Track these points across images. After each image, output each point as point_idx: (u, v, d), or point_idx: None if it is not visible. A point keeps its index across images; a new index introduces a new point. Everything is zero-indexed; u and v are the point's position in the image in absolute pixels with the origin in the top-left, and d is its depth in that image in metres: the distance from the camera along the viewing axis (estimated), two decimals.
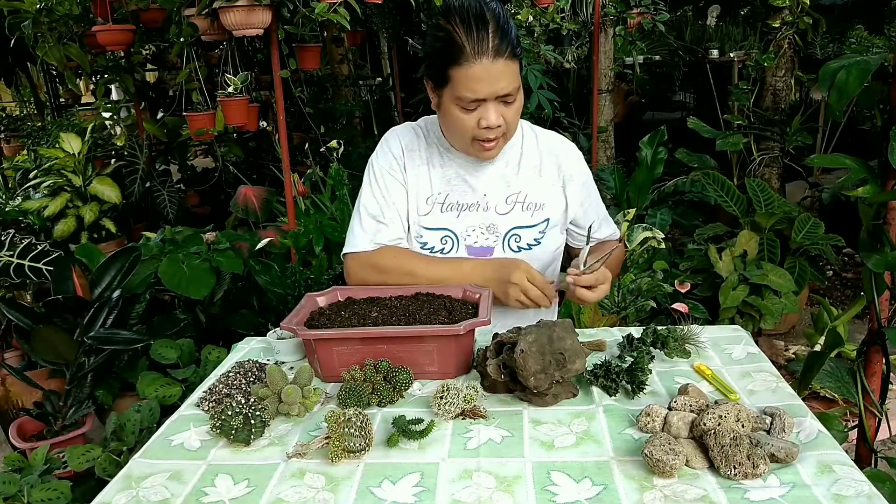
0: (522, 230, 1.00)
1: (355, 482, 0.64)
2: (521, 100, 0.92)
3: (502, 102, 0.89)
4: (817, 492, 0.59)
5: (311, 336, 0.82)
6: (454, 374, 0.83)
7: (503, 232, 1.00)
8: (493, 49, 0.85)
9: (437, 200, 0.99)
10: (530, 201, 1.00)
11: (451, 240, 1.00)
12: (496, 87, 0.87)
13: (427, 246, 1.00)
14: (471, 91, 0.87)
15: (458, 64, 0.86)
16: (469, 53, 0.85)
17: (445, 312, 0.87)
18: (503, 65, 0.86)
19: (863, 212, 1.03)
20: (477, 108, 0.89)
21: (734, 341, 0.92)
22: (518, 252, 1.00)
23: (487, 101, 0.88)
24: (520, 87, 0.91)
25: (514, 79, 0.88)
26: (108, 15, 2.40)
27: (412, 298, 0.92)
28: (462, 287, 0.94)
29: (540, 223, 1.01)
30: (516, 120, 0.94)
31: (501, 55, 0.85)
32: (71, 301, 1.54)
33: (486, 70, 0.85)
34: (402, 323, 0.85)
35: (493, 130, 0.90)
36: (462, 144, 0.96)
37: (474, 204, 0.99)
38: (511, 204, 1.00)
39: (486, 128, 0.89)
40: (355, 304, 0.92)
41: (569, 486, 0.62)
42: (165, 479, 0.67)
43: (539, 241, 1.01)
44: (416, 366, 0.82)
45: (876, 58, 1.01)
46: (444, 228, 0.99)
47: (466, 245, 1.00)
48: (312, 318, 0.89)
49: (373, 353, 0.81)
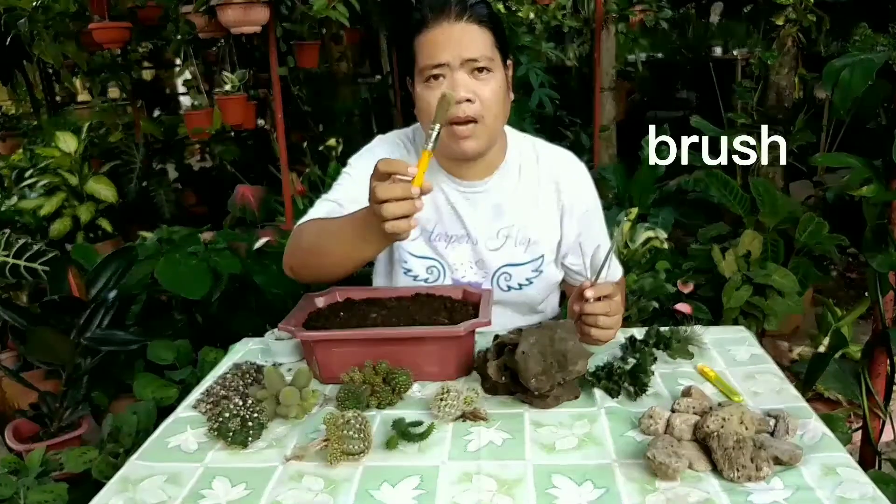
0: (514, 268, 0.92)
1: (354, 485, 0.63)
2: (501, 79, 0.83)
3: (472, 75, 0.81)
4: (821, 494, 0.58)
5: (310, 337, 0.81)
6: (455, 375, 0.82)
7: (492, 269, 0.92)
8: (455, 12, 0.80)
9: (424, 227, 0.92)
10: (523, 236, 0.92)
11: (437, 270, 0.94)
12: (461, 50, 0.80)
13: (411, 273, 0.94)
14: (431, 56, 0.80)
15: (420, 32, 0.82)
16: (429, 18, 0.81)
17: (445, 313, 0.85)
18: (467, 27, 0.80)
19: (867, 211, 1.02)
20: (443, 80, 0.81)
21: (738, 342, 0.91)
22: (508, 292, 0.93)
23: (453, 69, 0.80)
24: (496, 61, 0.83)
25: (485, 47, 0.81)
26: (104, 12, 2.38)
27: (412, 299, 0.91)
28: (461, 287, 0.92)
29: (534, 259, 0.92)
30: (495, 103, 0.83)
31: (463, 17, 0.80)
32: (67, 301, 1.53)
33: (446, 33, 0.80)
34: (401, 324, 0.83)
35: (464, 106, 0.80)
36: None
37: (463, 236, 0.92)
38: (502, 239, 0.92)
39: (456, 102, 0.79)
40: (354, 305, 0.91)
41: (570, 488, 0.61)
42: (162, 481, 0.66)
43: (531, 281, 0.92)
44: (416, 367, 0.80)
45: (880, 56, 1.00)
46: (431, 258, 0.93)
47: (454, 278, 0.94)
48: (311, 319, 0.87)
49: (372, 355, 0.80)
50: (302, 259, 0.88)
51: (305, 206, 2.21)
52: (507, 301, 0.95)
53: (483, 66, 0.82)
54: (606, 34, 2.77)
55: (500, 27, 0.86)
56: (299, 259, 0.88)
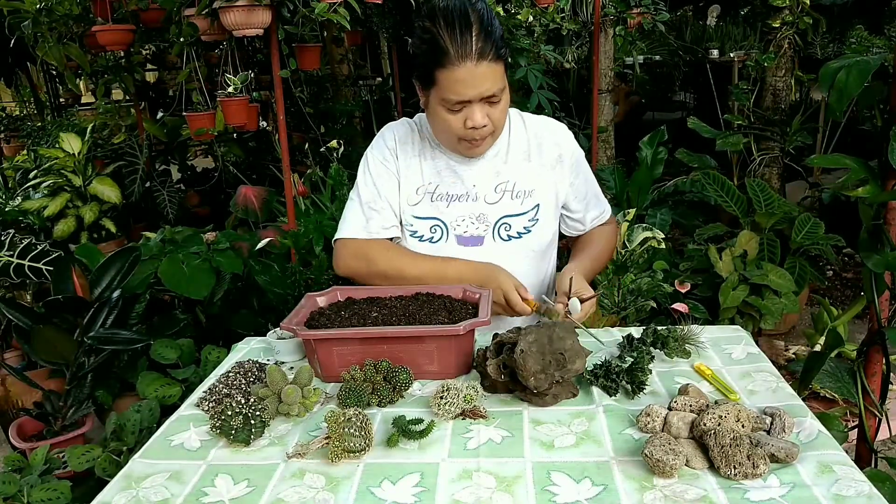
0: (512, 218, 1.00)
1: (355, 482, 0.64)
2: (507, 98, 0.93)
3: (487, 103, 0.90)
4: (817, 492, 0.59)
5: (311, 336, 0.82)
6: (454, 374, 0.83)
7: (493, 221, 1.00)
8: (477, 52, 0.86)
9: (427, 190, 1.01)
10: (519, 189, 1.01)
11: (440, 229, 1.00)
12: (481, 90, 0.88)
13: (416, 234, 1.01)
14: (455, 94, 0.88)
15: (443, 66, 0.87)
16: (453, 56, 0.86)
17: (445, 312, 0.86)
18: (487, 67, 0.87)
19: (863, 212, 1.03)
20: (462, 109, 0.90)
21: (734, 341, 0.92)
22: (509, 241, 1.01)
23: (472, 102, 0.89)
24: (505, 87, 0.92)
25: (499, 80, 0.89)
26: (107, 15, 2.40)
27: (412, 298, 0.92)
28: (462, 287, 0.94)
29: (530, 210, 1.01)
30: (503, 118, 0.95)
31: (485, 57, 0.86)
32: (71, 301, 1.54)
33: (470, 73, 0.86)
34: (402, 323, 0.84)
35: (479, 131, 0.92)
36: (450, 143, 0.97)
37: (464, 195, 1.00)
38: (500, 193, 1.00)
39: (472, 128, 0.91)
40: (355, 305, 0.92)
41: (569, 486, 0.62)
42: (165, 479, 0.67)
43: (529, 230, 1.01)
44: (416, 366, 0.81)
45: (876, 58, 1.01)
46: (434, 217, 1.00)
47: (456, 234, 1.00)
48: (312, 318, 0.89)
49: (373, 354, 0.81)
50: (368, 269, 1.01)
51: (307, 206, 2.23)
52: (509, 250, 1.02)
53: (497, 97, 0.91)
54: (604, 37, 2.79)
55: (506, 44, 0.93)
56: (373, 278, 1.01)
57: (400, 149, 1.02)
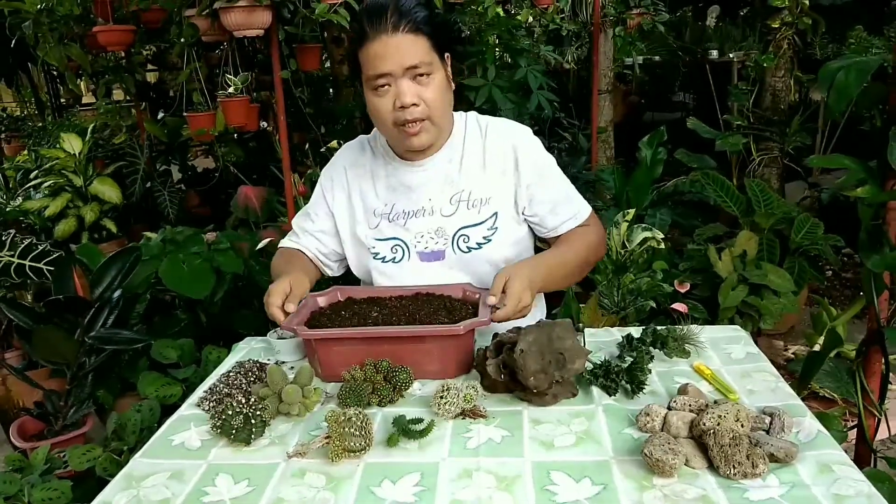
0: (470, 229, 0.98)
1: (355, 482, 0.64)
2: (443, 81, 0.91)
3: (415, 80, 0.89)
4: (817, 491, 0.59)
5: (312, 336, 0.82)
6: (454, 373, 0.84)
7: (451, 234, 0.98)
8: (392, 24, 0.86)
9: (384, 212, 1.01)
10: (475, 197, 0.98)
11: (401, 248, 1.00)
12: (400, 60, 0.87)
13: (379, 256, 1.01)
14: (374, 67, 0.88)
15: (362, 45, 0.88)
16: (368, 32, 0.87)
17: (445, 312, 0.87)
18: (404, 37, 0.87)
19: (862, 212, 1.03)
20: (389, 89, 0.89)
21: (734, 341, 0.92)
22: (469, 252, 0.98)
23: (397, 77, 0.88)
24: (435, 67, 0.90)
25: (423, 53, 0.88)
26: (108, 15, 2.40)
27: (412, 298, 0.93)
28: (462, 287, 0.94)
29: (488, 219, 0.98)
30: (439, 102, 0.91)
31: (400, 29, 0.87)
32: (72, 301, 1.54)
33: (384, 44, 0.86)
34: (402, 323, 0.85)
35: (410, 110, 0.89)
36: (390, 134, 0.95)
37: (419, 210, 0.99)
38: (455, 204, 0.99)
39: (402, 107, 0.89)
40: (355, 304, 0.92)
41: (568, 485, 0.62)
42: (166, 478, 0.67)
43: (489, 239, 0.98)
44: (417, 365, 0.82)
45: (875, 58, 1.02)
46: (394, 238, 1.00)
47: (417, 251, 0.99)
48: (313, 317, 0.89)
49: (373, 353, 0.81)
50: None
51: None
52: (470, 261, 0.99)
53: (423, 72, 0.89)
54: (604, 37, 2.79)
55: (438, 27, 0.92)
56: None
57: (351, 175, 1.03)
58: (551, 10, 2.62)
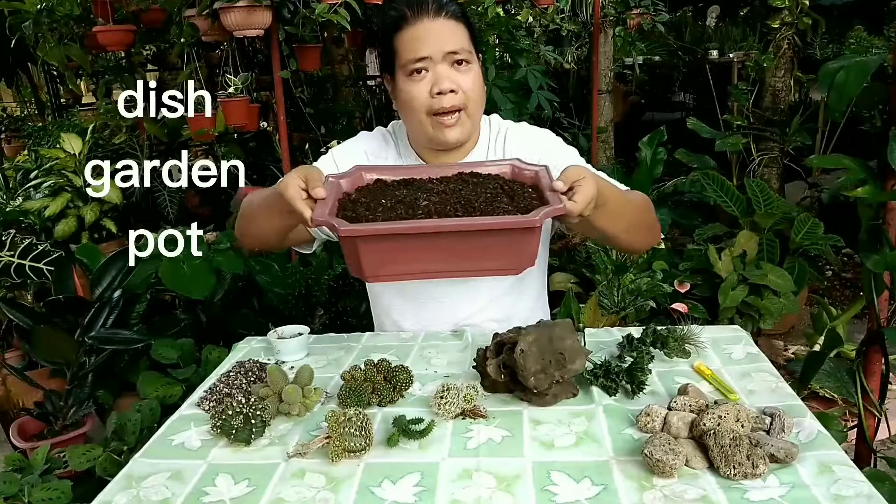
0: None
1: (355, 482, 0.64)
2: (479, 74, 0.89)
3: (454, 66, 0.86)
4: (817, 492, 0.59)
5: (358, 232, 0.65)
6: (520, 269, 0.71)
7: None
8: (434, 9, 0.85)
9: None
10: None
11: None
12: (442, 44, 0.84)
13: None
14: (413, 51, 0.85)
15: (400, 29, 0.86)
16: (409, 16, 0.85)
17: (506, 198, 0.72)
18: (445, 23, 0.85)
19: (862, 212, 1.03)
20: (426, 74, 0.85)
21: (734, 341, 0.92)
22: None
23: (436, 63, 0.85)
24: (474, 55, 0.88)
25: (463, 40, 0.86)
26: (108, 15, 2.40)
27: (456, 180, 0.77)
28: (510, 163, 0.80)
29: None
30: (476, 93, 0.88)
31: (441, 13, 0.85)
32: (72, 301, 1.54)
33: (427, 29, 0.85)
34: (459, 212, 0.69)
35: (449, 97, 0.85)
36: (422, 124, 0.88)
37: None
38: None
39: (440, 93, 0.85)
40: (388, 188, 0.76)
41: (568, 485, 0.62)
42: (166, 478, 0.67)
43: None
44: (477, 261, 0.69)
45: (875, 58, 1.02)
46: None
47: None
48: (343, 206, 0.71)
49: (424, 249, 0.67)
50: (242, 226, 0.90)
51: None
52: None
53: (463, 59, 0.87)
54: (604, 37, 2.79)
55: (472, 24, 0.92)
56: (241, 226, 0.91)
57: (373, 160, 0.97)
58: (551, 10, 2.62)
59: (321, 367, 0.91)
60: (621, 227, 0.84)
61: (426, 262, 0.69)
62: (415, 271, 0.71)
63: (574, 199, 0.69)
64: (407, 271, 0.71)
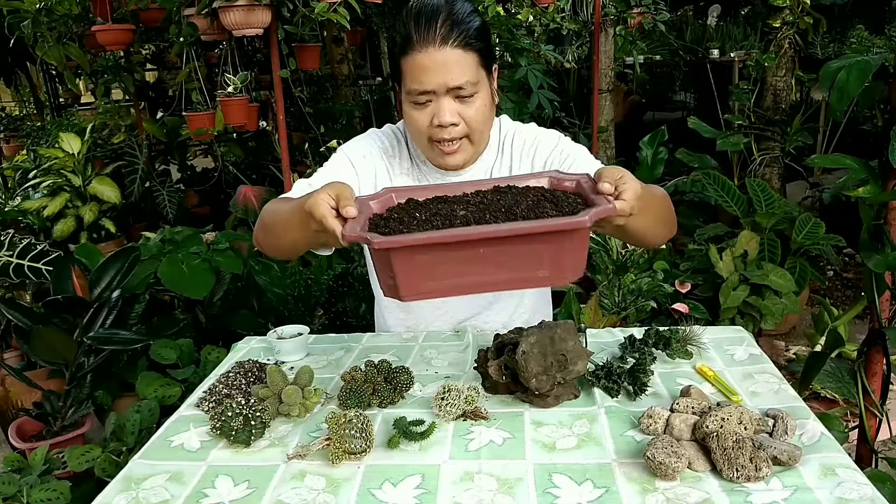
0: None
1: (356, 484, 0.64)
2: (487, 99, 0.86)
3: (458, 99, 0.83)
4: (820, 495, 0.59)
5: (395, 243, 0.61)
6: (570, 277, 0.66)
7: None
8: (441, 37, 0.80)
9: None
10: None
11: None
12: (445, 78, 0.81)
13: None
14: (417, 82, 0.82)
15: (406, 53, 0.82)
16: (415, 42, 0.81)
17: (549, 204, 0.68)
18: (452, 54, 0.81)
19: (863, 212, 1.03)
20: (429, 104, 0.84)
21: (736, 342, 0.92)
22: None
23: (439, 95, 0.83)
24: (481, 84, 0.84)
25: (469, 72, 0.82)
26: (107, 15, 2.39)
27: (494, 192, 0.73)
28: (547, 175, 0.76)
29: None
30: (480, 121, 0.86)
31: (449, 42, 0.80)
32: (70, 301, 1.54)
33: (432, 58, 0.81)
34: (500, 220, 0.64)
35: (448, 130, 0.84)
36: (423, 148, 0.90)
37: None
38: None
39: (439, 126, 0.83)
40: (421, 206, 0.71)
41: (570, 488, 0.61)
42: (165, 480, 0.67)
43: None
44: (523, 272, 0.64)
45: (876, 58, 1.01)
46: None
47: None
48: (376, 224, 0.68)
49: (465, 261, 0.62)
50: (262, 236, 0.87)
51: None
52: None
53: (468, 93, 0.84)
54: (605, 37, 2.78)
55: (487, 40, 0.86)
56: (260, 235, 0.88)
57: (386, 160, 0.95)
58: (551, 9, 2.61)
59: (321, 367, 0.90)
60: (651, 223, 0.80)
61: (467, 276, 0.64)
62: (455, 287, 0.65)
63: (623, 197, 0.66)
64: (447, 287, 0.65)
